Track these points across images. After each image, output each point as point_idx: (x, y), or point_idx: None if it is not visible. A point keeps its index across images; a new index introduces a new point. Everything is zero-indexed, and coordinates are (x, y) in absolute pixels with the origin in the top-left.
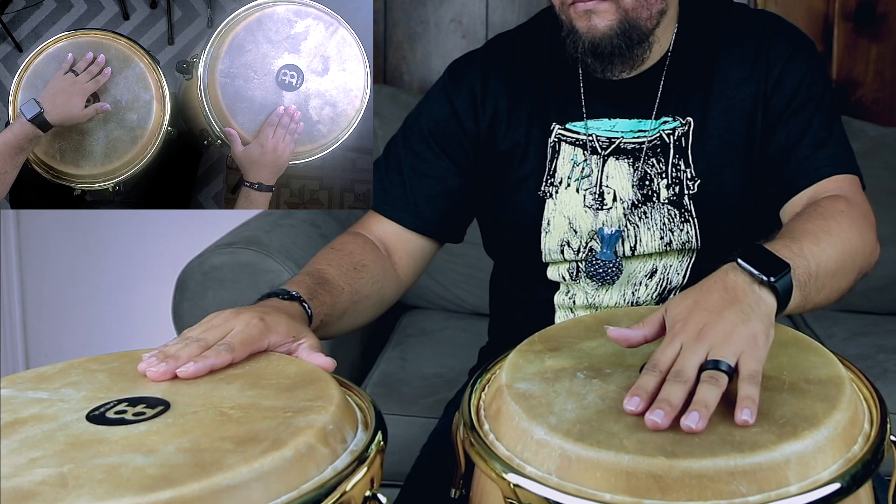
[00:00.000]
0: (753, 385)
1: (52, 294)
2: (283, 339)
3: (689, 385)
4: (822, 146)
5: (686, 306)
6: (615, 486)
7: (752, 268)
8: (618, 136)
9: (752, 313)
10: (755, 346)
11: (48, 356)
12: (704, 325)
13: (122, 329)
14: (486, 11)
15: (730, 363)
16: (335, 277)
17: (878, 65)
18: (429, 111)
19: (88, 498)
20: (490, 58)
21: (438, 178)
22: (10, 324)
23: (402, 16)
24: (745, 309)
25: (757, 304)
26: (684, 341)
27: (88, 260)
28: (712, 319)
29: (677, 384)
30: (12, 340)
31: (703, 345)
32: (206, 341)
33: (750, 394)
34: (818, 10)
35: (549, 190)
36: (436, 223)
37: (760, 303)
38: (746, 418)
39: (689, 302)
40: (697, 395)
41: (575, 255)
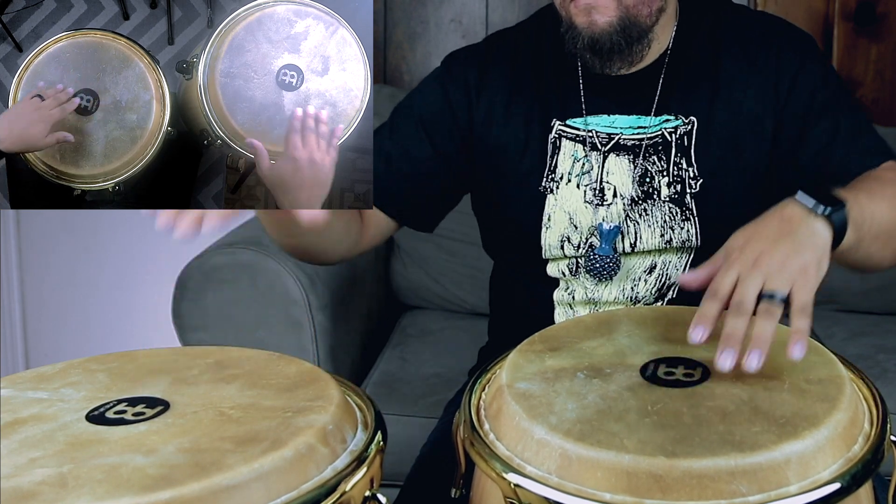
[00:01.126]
0: (805, 318)
1: (52, 294)
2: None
3: (749, 315)
4: (854, 142)
5: (744, 236)
6: (616, 485)
7: (809, 200)
8: (617, 133)
9: (806, 244)
10: (806, 276)
11: (48, 356)
12: (760, 253)
13: (122, 329)
14: (486, 11)
15: (783, 295)
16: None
17: (878, 65)
18: (422, 97)
19: (88, 498)
20: (490, 52)
21: (417, 161)
22: (10, 324)
23: (402, 16)
24: (800, 239)
25: (812, 236)
26: (741, 270)
27: (88, 260)
28: (768, 248)
29: (740, 317)
30: (12, 340)
31: (759, 273)
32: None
33: (802, 327)
34: (818, 10)
35: (550, 185)
36: (401, 203)
37: (815, 234)
38: (798, 353)
39: (747, 232)
40: (756, 329)
41: (575, 251)
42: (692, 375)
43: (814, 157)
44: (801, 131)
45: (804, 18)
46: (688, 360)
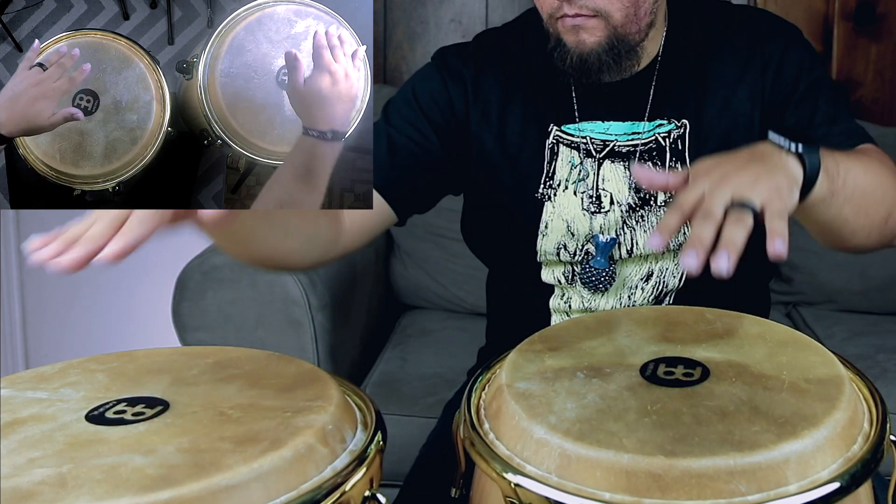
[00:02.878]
0: (782, 220)
1: (52, 294)
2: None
3: (717, 223)
4: (834, 123)
5: (712, 160)
6: (615, 485)
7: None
8: (612, 139)
9: (778, 170)
10: (779, 194)
11: (48, 356)
12: (729, 171)
13: (122, 329)
14: (486, 11)
15: (754, 204)
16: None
17: (878, 65)
18: (422, 84)
19: (88, 498)
20: (481, 52)
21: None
22: (10, 324)
23: (402, 16)
24: (772, 166)
25: (784, 166)
26: (707, 186)
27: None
28: (737, 167)
29: (707, 223)
30: (12, 340)
31: (727, 187)
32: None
33: (780, 227)
34: (818, 10)
35: (548, 192)
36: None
37: (787, 166)
38: (780, 249)
39: (715, 158)
40: (725, 233)
41: (571, 258)
42: (692, 375)
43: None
44: (782, 112)
45: (804, 18)
46: (687, 360)
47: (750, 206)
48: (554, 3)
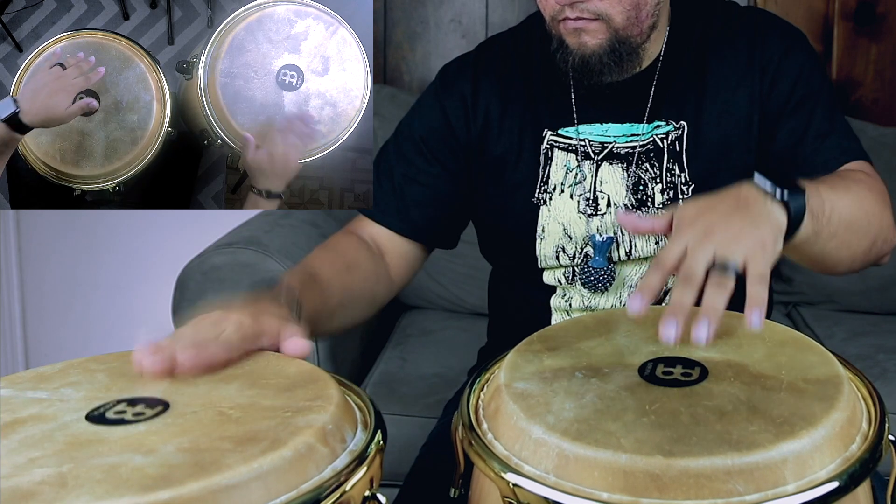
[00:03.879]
0: (762, 285)
1: (52, 294)
2: (274, 340)
3: (698, 288)
4: (826, 138)
5: (696, 207)
6: (613, 485)
7: (768, 182)
8: (610, 141)
9: (763, 221)
10: (763, 249)
11: (48, 356)
12: (712, 224)
13: (122, 329)
14: (486, 11)
15: (737, 264)
16: (327, 275)
17: (878, 65)
18: (421, 118)
19: (88, 498)
20: (481, 62)
21: (429, 184)
22: (10, 324)
23: (402, 16)
24: (756, 216)
25: (768, 215)
26: (690, 241)
27: (88, 260)
28: (721, 221)
29: (687, 288)
30: (12, 340)
31: (710, 243)
32: (203, 336)
33: (759, 294)
34: (818, 10)
35: (543, 197)
36: (426, 229)
37: (771, 215)
38: (755, 320)
39: (699, 204)
40: (706, 299)
41: (570, 261)
42: (690, 375)
43: (782, 151)
44: (776, 122)
45: (804, 18)
46: (686, 360)
47: (732, 268)
48: (556, 6)
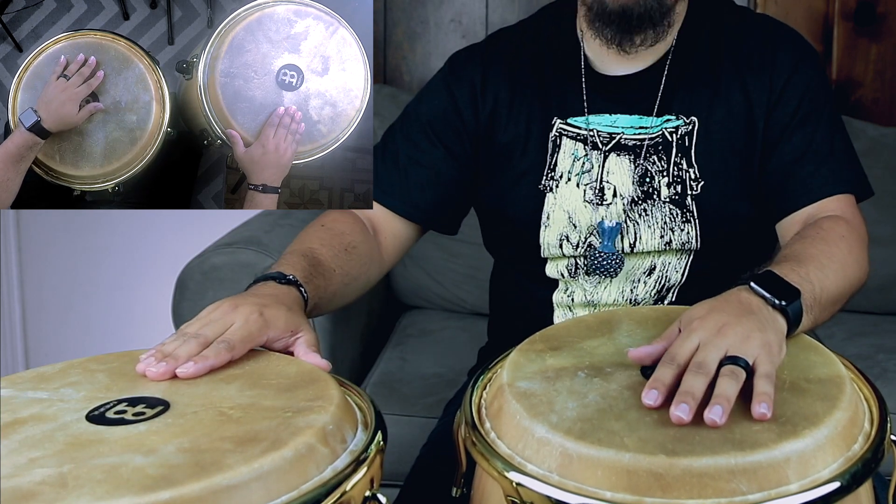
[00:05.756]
0: (769, 383)
1: (52, 294)
2: (282, 333)
3: (709, 378)
4: (823, 163)
5: (704, 309)
6: (616, 484)
7: (765, 292)
8: (619, 132)
9: (768, 327)
10: (770, 351)
11: (48, 356)
12: (723, 324)
13: (122, 329)
14: (486, 11)
15: (747, 362)
16: (328, 260)
17: (878, 65)
18: (429, 101)
19: (88, 498)
20: (491, 51)
21: (434, 167)
22: (10, 324)
23: (402, 16)
24: (762, 322)
25: (773, 322)
26: (702, 337)
27: (88, 260)
28: (731, 321)
29: (699, 376)
30: (12, 340)
31: (722, 340)
32: (206, 337)
33: (766, 390)
34: (818, 10)
35: (550, 184)
36: (428, 212)
37: (776, 322)
38: (764, 411)
39: (706, 307)
40: (718, 388)
41: (574, 251)
42: None
43: (780, 168)
44: (779, 137)
45: (804, 18)
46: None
47: (744, 364)
48: None
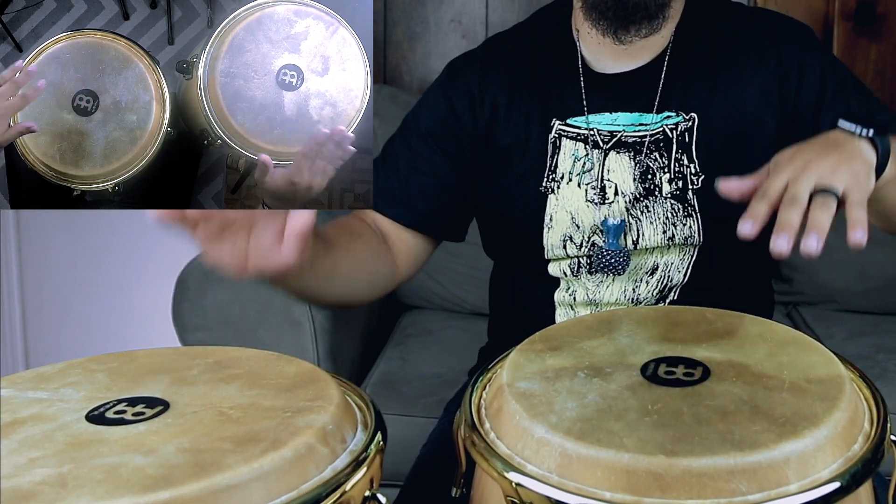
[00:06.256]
0: (861, 209)
1: (52, 294)
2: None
3: (803, 208)
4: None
5: (791, 150)
6: (615, 484)
7: (853, 123)
8: (619, 130)
9: (855, 157)
10: (858, 180)
11: (48, 356)
12: (810, 160)
13: (122, 329)
14: (486, 11)
15: (838, 191)
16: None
17: (878, 65)
18: (427, 109)
19: (88, 498)
20: (488, 55)
21: (435, 174)
22: (10, 324)
23: (402, 16)
24: (849, 153)
25: (861, 153)
26: (791, 173)
27: (88, 260)
28: (818, 156)
29: (794, 208)
30: (12, 340)
31: (812, 173)
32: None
33: (860, 217)
34: (818, 10)
35: (551, 185)
36: (431, 220)
37: (863, 153)
38: (860, 238)
39: (793, 148)
40: (812, 217)
41: (577, 251)
42: (692, 375)
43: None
44: (816, 115)
45: (804, 18)
46: (688, 360)
47: (833, 192)
48: None
